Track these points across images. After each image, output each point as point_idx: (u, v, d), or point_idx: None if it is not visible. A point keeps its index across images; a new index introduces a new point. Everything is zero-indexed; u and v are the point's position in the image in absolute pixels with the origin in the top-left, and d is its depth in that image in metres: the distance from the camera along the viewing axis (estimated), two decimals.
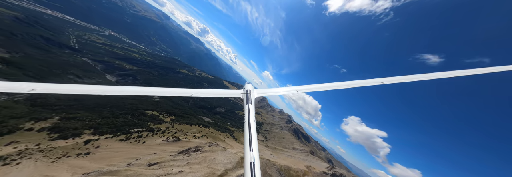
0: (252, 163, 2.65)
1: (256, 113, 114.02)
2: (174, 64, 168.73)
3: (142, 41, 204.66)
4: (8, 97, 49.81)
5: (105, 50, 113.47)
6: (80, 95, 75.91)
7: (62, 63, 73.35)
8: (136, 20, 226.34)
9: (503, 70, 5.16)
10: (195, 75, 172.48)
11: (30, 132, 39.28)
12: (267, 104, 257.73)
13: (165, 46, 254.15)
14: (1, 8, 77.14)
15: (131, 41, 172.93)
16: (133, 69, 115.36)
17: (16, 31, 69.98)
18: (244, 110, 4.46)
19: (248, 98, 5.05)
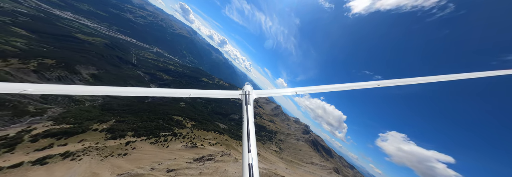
0: (251, 165, 2.57)
1: (270, 121, 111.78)
2: (198, 74, 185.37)
3: (176, 54, 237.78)
4: (90, 103, 66.47)
5: (152, 64, 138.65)
6: (131, 101, 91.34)
7: (125, 76, 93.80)
8: (173, 37, 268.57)
9: None
10: (214, 83, 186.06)
11: (95, 132, 50.38)
12: (281, 112, 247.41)
13: (192, 57, 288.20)
14: (99, 38, 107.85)
15: (169, 55, 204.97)
16: (169, 79, 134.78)
17: (104, 53, 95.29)
18: (243, 111, 4.36)
19: (247, 99, 4.92)
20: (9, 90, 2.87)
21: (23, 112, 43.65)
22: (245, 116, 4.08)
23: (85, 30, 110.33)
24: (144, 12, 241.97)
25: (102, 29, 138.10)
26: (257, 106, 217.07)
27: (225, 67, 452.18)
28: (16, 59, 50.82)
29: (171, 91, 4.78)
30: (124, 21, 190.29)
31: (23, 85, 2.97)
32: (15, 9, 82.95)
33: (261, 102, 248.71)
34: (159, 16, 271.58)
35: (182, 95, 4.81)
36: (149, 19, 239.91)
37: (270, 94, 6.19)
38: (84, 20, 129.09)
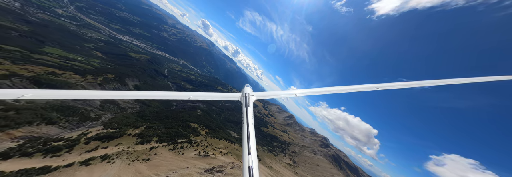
0: (251, 168, 2.54)
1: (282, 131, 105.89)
2: (214, 82, 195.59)
3: (197, 65, 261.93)
4: (131, 110, 79.79)
5: (179, 75, 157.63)
6: (160, 108, 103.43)
7: (158, 86, 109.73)
8: (196, 50, 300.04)
9: None
10: (228, 91, 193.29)
11: (129, 136, 59.00)
12: (294, 122, 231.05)
13: (210, 67, 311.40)
14: (143, 55, 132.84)
15: (191, 66, 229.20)
16: (190, 88, 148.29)
17: (145, 68, 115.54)
18: (243, 113, 4.28)
19: (247, 101, 4.83)
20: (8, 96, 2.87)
21: (86, 118, 55.52)
22: (245, 118, 3.98)
23: (135, 49, 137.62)
24: (175, 30, 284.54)
25: (146, 47, 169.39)
26: (269, 115, 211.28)
27: (238, 76, 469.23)
28: (91, 75, 66.75)
29: (172, 94, 4.70)
30: (161, 39, 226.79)
31: (21, 91, 3.01)
32: (96, 37, 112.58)
33: (273, 111, 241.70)
34: (186, 32, 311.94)
35: (182, 97, 4.72)
36: (178, 35, 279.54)
37: (270, 96, 6.04)
38: (135, 41, 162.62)
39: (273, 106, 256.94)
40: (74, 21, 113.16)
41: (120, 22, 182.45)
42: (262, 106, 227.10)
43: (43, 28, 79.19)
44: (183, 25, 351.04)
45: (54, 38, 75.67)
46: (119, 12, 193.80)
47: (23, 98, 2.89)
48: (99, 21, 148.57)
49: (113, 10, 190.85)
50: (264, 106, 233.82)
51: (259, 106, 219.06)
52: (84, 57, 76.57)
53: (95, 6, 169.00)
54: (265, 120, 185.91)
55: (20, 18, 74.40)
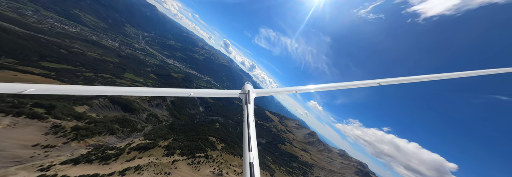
0: (251, 164, 2.50)
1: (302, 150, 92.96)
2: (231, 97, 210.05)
3: (218, 81, 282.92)
4: (165, 122, 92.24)
5: None
6: (186, 121, 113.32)
7: (187, 101, 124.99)
8: (218, 67, 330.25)
9: None
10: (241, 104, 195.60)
11: (159, 148, 66.20)
12: (317, 141, 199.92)
13: (229, 82, 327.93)
14: (180, 74, 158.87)
15: (214, 82, 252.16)
16: (211, 102, 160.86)
17: (180, 85, 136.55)
18: (243, 110, 4.20)
19: (247, 98, 4.73)
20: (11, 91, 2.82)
21: (134, 129, 67.64)
22: (245, 115, 3.88)
23: (175, 69, 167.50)
24: (203, 51, 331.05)
25: (182, 67, 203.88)
26: (286, 131, 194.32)
27: None
28: None
29: (172, 90, 4.59)
30: (193, 59, 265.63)
31: (24, 85, 2.97)
32: (153, 62, 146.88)
33: (290, 127, 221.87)
34: (211, 52, 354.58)
35: (183, 94, 4.61)
36: (205, 55, 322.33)
37: (270, 93, 5.90)
38: (176, 63, 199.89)
39: (291, 122, 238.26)
40: (142, 52, 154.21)
41: (168, 49, 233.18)
42: (279, 121, 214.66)
43: (126, 59, 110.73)
44: (209, 46, 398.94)
45: (131, 66, 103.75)
46: (168, 41, 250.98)
47: (26, 92, 2.85)
48: (156, 49, 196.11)
49: (165, 40, 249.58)
50: (280, 121, 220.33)
51: (275, 121, 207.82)
52: (144, 78, 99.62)
53: (155, 38, 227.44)
54: (282, 136, 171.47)
55: (116, 53, 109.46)
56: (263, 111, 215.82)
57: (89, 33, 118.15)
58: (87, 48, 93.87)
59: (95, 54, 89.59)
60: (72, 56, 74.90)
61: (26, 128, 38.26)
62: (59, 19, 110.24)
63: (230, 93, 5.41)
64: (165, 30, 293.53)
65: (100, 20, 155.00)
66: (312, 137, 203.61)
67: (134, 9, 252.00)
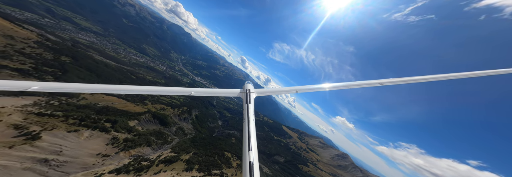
0: (251, 163, 2.42)
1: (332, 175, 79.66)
2: None
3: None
4: (189, 135, 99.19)
5: (222, 105, 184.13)
6: (206, 135, 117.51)
7: (208, 114, 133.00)
8: (235, 82, 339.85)
9: None
10: (259, 119, 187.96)
11: (181, 162, 69.37)
12: (351, 165, 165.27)
13: None
14: None
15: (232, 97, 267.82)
16: (229, 115, 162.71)
17: (204, 100, 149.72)
18: (243, 110, 4.09)
19: (248, 97, 4.59)
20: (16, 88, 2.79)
21: (166, 141, 74.56)
22: (246, 114, 3.77)
23: (201, 86, 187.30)
24: (223, 67, 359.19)
25: (206, 84, 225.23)
26: (308, 150, 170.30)
27: (269, 103, 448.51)
28: (177, 109, 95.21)
29: (173, 89, 4.47)
30: (215, 76, 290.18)
31: (29, 83, 2.90)
32: (186, 81, 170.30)
33: (313, 145, 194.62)
34: (230, 68, 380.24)
35: (184, 93, 4.46)
36: (225, 72, 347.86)
37: (270, 93, 5.69)
38: (202, 80, 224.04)
39: (313, 139, 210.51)
40: (179, 73, 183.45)
41: (197, 68, 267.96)
42: (298, 138, 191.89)
43: (169, 79, 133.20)
44: (229, 63, 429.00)
45: (171, 85, 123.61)
46: (197, 61, 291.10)
47: (31, 90, 2.81)
48: (189, 69, 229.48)
49: (195, 60, 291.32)
50: (300, 137, 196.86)
51: (294, 137, 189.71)
52: (180, 97, 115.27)
53: (189, 60, 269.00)
54: (304, 156, 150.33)
55: (163, 75, 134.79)
56: (280, 126, 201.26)
57: (148, 61, 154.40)
58: (146, 73, 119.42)
59: (150, 77, 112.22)
60: (136, 80, 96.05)
61: (96, 139, 47.82)
62: (135, 53, 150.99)
63: (231, 92, 5.27)
64: (196, 53, 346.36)
65: (156, 49, 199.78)
66: (344, 159, 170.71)
67: (177, 38, 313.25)
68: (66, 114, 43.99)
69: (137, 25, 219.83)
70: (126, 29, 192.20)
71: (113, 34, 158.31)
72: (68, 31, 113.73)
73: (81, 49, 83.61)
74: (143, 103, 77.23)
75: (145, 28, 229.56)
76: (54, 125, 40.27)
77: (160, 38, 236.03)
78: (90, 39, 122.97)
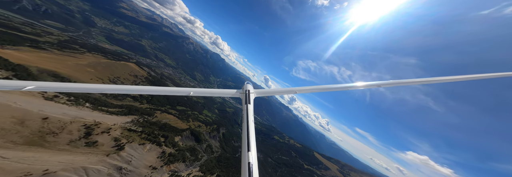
0: (250, 164, 2.31)
1: None
2: (271, 131, 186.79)
3: (259, 114, 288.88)
4: (216, 153, 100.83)
5: None
6: (230, 154, 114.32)
7: (233, 133, 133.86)
8: (258, 101, 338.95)
9: None
10: (284, 142, 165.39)
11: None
12: None
13: (268, 115, 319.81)
14: (231, 109, 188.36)
15: (255, 115, 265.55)
16: None
17: (230, 118, 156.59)
18: (243, 110, 3.87)
19: (247, 98, 4.34)
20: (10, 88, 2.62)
21: (196, 158, 77.86)
22: (245, 115, 3.57)
23: (229, 105, 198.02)
24: None
25: (233, 103, 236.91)
26: None
27: (295, 125, 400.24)
28: (209, 126, 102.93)
29: (172, 89, 4.34)
30: None
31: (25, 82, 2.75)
32: (218, 100, 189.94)
33: None
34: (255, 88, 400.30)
35: (183, 93, 4.29)
36: None
37: (270, 93, 5.50)
38: (231, 100, 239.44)
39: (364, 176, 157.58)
40: None
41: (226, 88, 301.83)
42: (339, 171, 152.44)
43: (206, 100, 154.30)
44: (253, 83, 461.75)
45: (207, 105, 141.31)
46: (228, 82, 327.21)
47: (26, 89, 2.68)
48: None
49: (226, 82, 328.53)
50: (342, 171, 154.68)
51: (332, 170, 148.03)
52: (211, 113, 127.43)
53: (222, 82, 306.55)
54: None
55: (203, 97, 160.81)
56: (311, 152, 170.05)
57: (196, 85, 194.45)
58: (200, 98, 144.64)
59: (195, 98, 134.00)
60: (187, 102, 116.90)
61: (153, 152, 56.02)
62: (189, 79, 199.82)
63: (230, 92, 5.05)
64: (227, 75, 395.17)
65: (202, 75, 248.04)
66: None
67: (215, 64, 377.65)
68: (142, 130, 56.12)
69: (192, 57, 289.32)
70: (187, 61, 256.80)
71: (180, 66, 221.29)
72: (160, 68, 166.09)
73: (164, 80, 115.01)
74: (187, 120, 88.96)
75: (197, 59, 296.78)
76: (134, 138, 51.51)
77: (204, 65, 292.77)
78: (169, 71, 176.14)
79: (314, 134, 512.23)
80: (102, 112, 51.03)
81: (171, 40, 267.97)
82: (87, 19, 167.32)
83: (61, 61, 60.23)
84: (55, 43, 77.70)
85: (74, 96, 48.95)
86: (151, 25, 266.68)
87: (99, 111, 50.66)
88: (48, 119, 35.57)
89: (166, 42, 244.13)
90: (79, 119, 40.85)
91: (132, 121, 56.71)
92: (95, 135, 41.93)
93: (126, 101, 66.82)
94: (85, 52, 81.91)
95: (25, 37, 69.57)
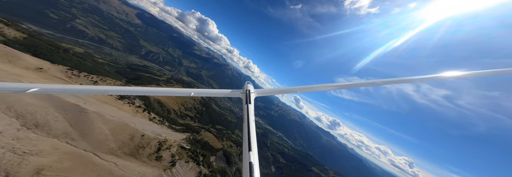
0: (251, 164, 2.18)
1: None
2: (306, 160, 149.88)
3: (290, 137, 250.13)
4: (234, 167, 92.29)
5: (275, 147, 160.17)
6: None
7: (261, 157, 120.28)
8: (289, 123, 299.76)
9: None
10: (327, 176, 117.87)
11: None
12: None
13: (302, 140, 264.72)
14: (261, 130, 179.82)
15: (285, 138, 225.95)
16: (283, 162, 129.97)
17: (259, 140, 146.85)
18: (243, 110, 3.72)
19: (248, 98, 4.20)
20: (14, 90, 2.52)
21: None
22: (246, 115, 3.43)
23: (258, 126, 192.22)
24: (277, 107, 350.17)
25: (263, 123, 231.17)
26: None
27: (343, 156, 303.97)
28: (239, 147, 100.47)
29: (174, 90, 4.20)
30: (270, 116, 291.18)
31: (28, 85, 2.64)
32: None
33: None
34: (283, 108, 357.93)
35: (184, 94, 4.07)
36: (279, 112, 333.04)
37: (271, 93, 5.12)
38: (260, 120, 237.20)
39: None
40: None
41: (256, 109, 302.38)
42: None
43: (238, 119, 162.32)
44: (282, 103, 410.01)
45: (239, 124, 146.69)
46: (257, 103, 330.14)
47: (30, 91, 2.58)
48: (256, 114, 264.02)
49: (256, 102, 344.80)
50: None
51: None
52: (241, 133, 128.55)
53: None
54: None
55: (236, 116, 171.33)
56: None
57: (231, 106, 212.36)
58: (229, 115, 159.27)
59: (229, 118, 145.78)
60: (224, 121, 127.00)
61: (192, 171, 59.14)
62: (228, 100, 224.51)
63: (231, 93, 4.73)
64: None
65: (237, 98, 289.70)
66: None
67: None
68: (190, 147, 63.59)
69: (230, 81, 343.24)
70: (226, 85, 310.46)
71: None
72: None
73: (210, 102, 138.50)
74: (222, 139, 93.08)
75: (233, 82, 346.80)
76: (183, 155, 58.35)
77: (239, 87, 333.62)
78: None
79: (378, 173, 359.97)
80: (171, 130, 64.84)
81: (218, 68, 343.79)
82: (180, 60, 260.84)
83: None
84: (165, 80, 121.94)
85: (161, 116, 67.36)
86: (207, 59, 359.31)
87: (171, 128, 64.96)
88: (144, 136, 49.29)
89: (215, 70, 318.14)
90: (158, 136, 53.40)
91: (186, 138, 66.62)
92: (162, 151, 51.59)
93: (187, 120, 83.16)
94: (175, 84, 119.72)
95: (153, 78, 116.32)
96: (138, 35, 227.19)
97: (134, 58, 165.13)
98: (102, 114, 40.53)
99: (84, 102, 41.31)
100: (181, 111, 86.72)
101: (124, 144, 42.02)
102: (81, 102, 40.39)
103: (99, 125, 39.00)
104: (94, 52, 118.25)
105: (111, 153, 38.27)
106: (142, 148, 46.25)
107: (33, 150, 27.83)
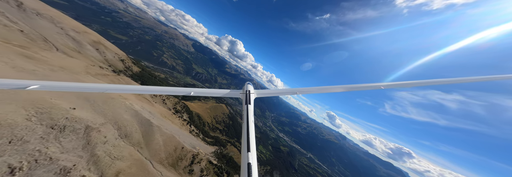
0: (250, 164, 2.17)
1: None
2: None
3: (325, 161, 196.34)
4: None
5: (305, 170, 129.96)
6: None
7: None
8: (323, 143, 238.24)
9: None
10: None
11: None
12: None
13: (342, 167, 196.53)
14: (286, 148, 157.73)
15: (318, 162, 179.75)
16: None
17: (285, 160, 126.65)
18: (243, 111, 3.72)
19: (247, 98, 4.16)
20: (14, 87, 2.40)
21: None
22: (245, 115, 3.44)
23: (283, 143, 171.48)
24: (305, 124, 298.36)
25: (288, 141, 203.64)
26: None
27: None
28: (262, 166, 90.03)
29: (174, 89, 4.12)
30: (296, 133, 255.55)
31: (29, 81, 2.56)
32: (272, 137, 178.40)
33: None
34: (313, 125, 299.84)
35: (184, 93, 4.00)
36: (307, 129, 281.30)
37: (270, 94, 5.18)
38: (285, 137, 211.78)
39: None
40: (269, 128, 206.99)
41: (281, 125, 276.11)
42: None
43: (262, 134, 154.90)
44: (311, 119, 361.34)
45: (263, 140, 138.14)
46: (281, 118, 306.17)
47: (30, 89, 2.47)
48: (275, 125, 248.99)
49: (280, 117, 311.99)
50: None
51: None
52: (265, 150, 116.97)
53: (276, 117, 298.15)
54: None
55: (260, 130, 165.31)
56: None
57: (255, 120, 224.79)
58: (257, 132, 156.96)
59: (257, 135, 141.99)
60: None
61: None
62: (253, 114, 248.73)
63: (230, 93, 4.70)
64: (281, 110, 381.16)
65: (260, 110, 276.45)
66: None
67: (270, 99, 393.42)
68: (216, 163, 63.58)
69: None
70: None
71: None
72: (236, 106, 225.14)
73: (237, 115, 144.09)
74: None
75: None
76: (210, 171, 58.42)
77: (262, 102, 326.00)
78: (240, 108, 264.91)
79: None
80: (204, 142, 69.51)
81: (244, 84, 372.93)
82: (215, 78, 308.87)
83: (201, 106, 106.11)
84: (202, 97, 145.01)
85: (198, 129, 75.36)
86: (235, 75, 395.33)
87: (204, 141, 69.91)
88: (183, 148, 55.02)
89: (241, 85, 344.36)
90: (193, 149, 57.87)
91: (214, 152, 68.28)
92: (194, 164, 54.23)
93: (217, 133, 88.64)
94: (210, 99, 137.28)
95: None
96: (192, 60, 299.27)
97: (188, 78, 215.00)
98: (160, 127, 49.82)
99: (153, 117, 53.21)
100: (212, 124, 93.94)
101: (169, 155, 47.87)
102: (151, 117, 52.29)
103: (157, 136, 47.56)
104: (169, 76, 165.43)
105: (160, 163, 44.11)
106: (181, 160, 50.53)
107: (119, 156, 36.47)
